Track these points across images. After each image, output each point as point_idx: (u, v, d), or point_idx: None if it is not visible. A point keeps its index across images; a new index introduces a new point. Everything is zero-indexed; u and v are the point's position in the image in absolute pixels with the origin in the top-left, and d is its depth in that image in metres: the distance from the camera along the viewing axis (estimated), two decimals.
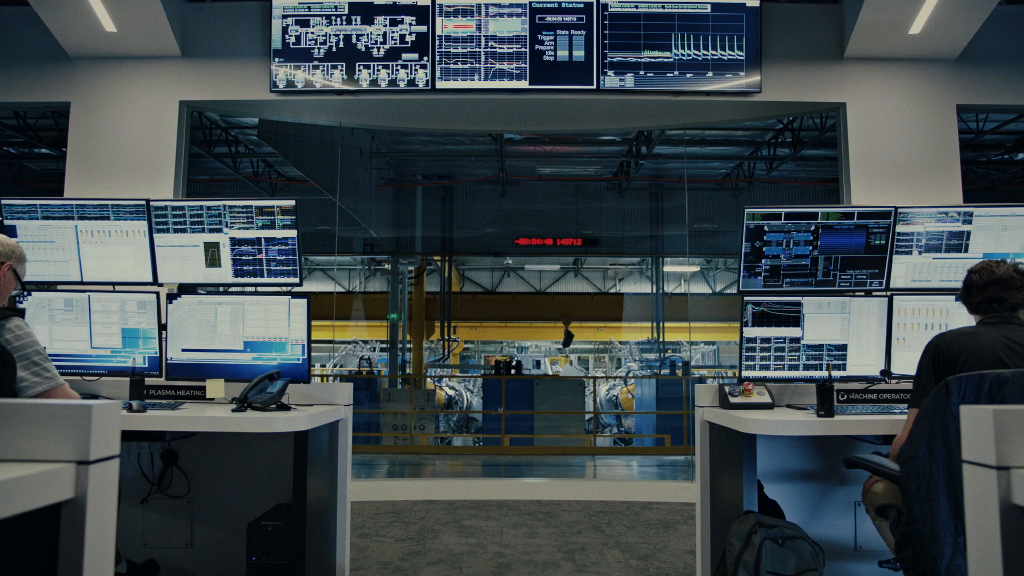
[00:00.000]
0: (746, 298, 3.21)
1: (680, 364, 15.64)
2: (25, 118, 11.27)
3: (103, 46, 5.20)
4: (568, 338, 19.18)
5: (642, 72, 5.22)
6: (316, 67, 5.25)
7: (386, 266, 18.58)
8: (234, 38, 5.35)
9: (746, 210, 3.21)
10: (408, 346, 17.12)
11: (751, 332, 3.22)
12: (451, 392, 17.42)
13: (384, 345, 19.53)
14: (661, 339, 18.36)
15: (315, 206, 13.65)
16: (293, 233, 3.22)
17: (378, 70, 5.23)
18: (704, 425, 3.37)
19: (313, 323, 3.20)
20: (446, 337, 18.53)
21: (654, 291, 18.12)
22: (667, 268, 19.07)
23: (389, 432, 12.04)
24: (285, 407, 2.98)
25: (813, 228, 3.20)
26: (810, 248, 3.22)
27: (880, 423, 2.66)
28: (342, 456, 3.37)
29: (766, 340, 3.22)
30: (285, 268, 3.24)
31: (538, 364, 23.34)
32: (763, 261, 3.24)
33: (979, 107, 5.58)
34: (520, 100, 5.34)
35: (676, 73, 5.23)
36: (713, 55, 5.22)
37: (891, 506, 2.40)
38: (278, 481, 3.36)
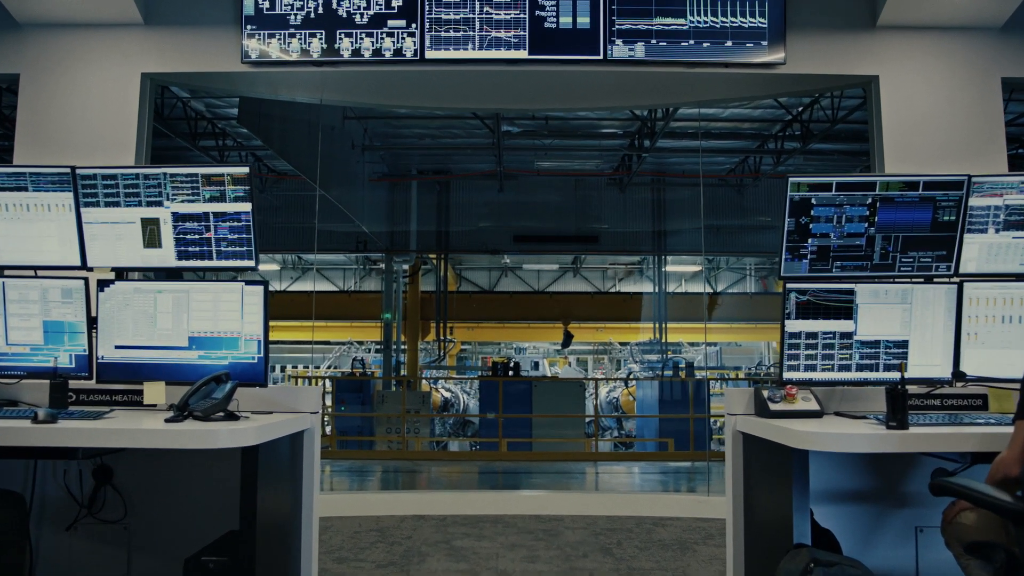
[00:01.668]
0: (788, 285, 2.70)
1: (683, 365, 15.14)
2: (0, 107, 10.74)
3: (56, 12, 4.67)
4: (567, 339, 18.68)
5: (653, 41, 4.71)
6: (292, 35, 4.73)
7: (381, 265, 18.06)
8: (202, 4, 4.82)
9: (790, 179, 2.69)
10: (403, 347, 16.59)
11: (794, 325, 2.70)
12: (447, 394, 16.91)
13: (379, 346, 18.99)
14: (664, 340, 17.83)
15: (308, 202, 13.09)
16: (247, 207, 2.70)
17: (361, 38, 4.71)
18: (737, 436, 2.85)
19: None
20: (442, 338, 18.02)
21: (656, 290, 17.60)
22: (669, 268, 18.55)
23: (383, 436, 11.54)
24: (233, 416, 2.46)
25: (870, 201, 2.68)
26: (866, 225, 2.70)
27: (968, 437, 2.14)
28: (308, 473, 2.84)
29: (812, 335, 2.70)
30: (238, 249, 2.72)
31: (536, 365, 22.81)
32: (809, 241, 2.72)
33: None
34: (518, 72, 4.82)
35: (691, 42, 4.72)
36: (732, 22, 4.70)
37: (993, 545, 1.88)
38: (234, 502, 2.83)
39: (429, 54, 4.69)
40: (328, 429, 12.19)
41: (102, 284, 2.73)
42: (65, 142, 4.70)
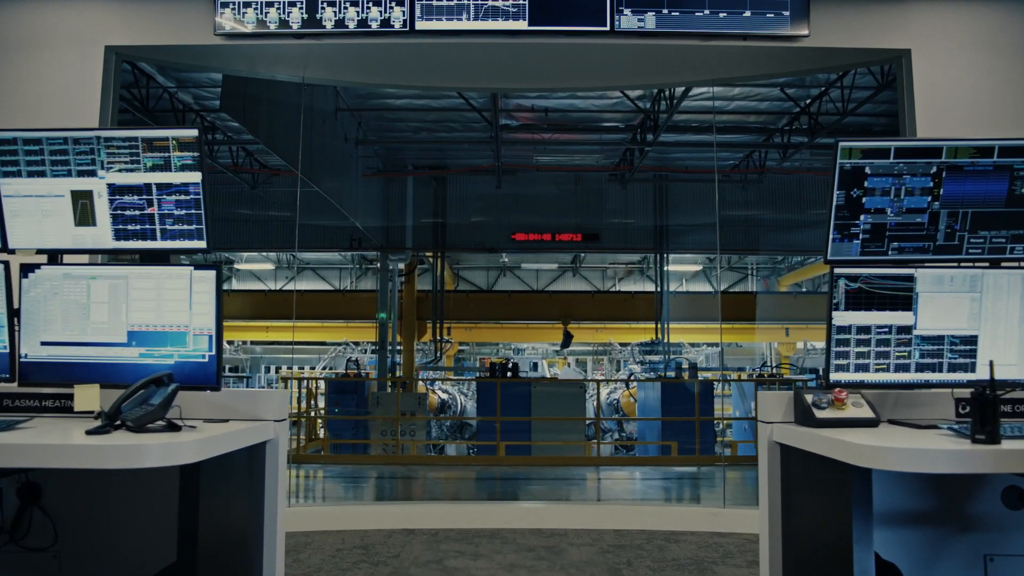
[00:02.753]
0: (837, 270, 2.29)
1: (686, 366, 14.73)
2: None
3: None
4: (567, 339, 18.25)
5: (665, 10, 4.31)
6: (270, 4, 4.33)
7: (376, 264, 17.64)
8: None
9: (840, 144, 2.28)
10: (399, 348, 16.16)
11: (843, 318, 2.29)
12: (444, 396, 16.48)
13: (375, 346, 18.56)
14: (666, 340, 17.41)
15: (302, 198, 12.66)
16: (196, 177, 2.28)
17: (346, 7, 4.31)
18: (773, 448, 2.44)
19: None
20: (439, 338, 17.58)
21: (659, 289, 17.19)
22: (671, 267, 18.12)
23: (377, 440, 11.12)
24: (174, 426, 2.04)
25: (934, 171, 2.27)
26: (929, 199, 2.29)
27: None
28: (271, 491, 2.43)
29: (864, 329, 2.29)
30: (186, 227, 2.30)
31: (535, 366, 22.39)
32: (862, 218, 2.30)
33: None
34: (517, 46, 4.43)
35: (706, 12, 4.32)
36: None
37: None
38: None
39: (420, 25, 4.29)
40: (321, 432, 11.79)
41: (26, 269, 2.31)
42: (22, 120, 4.24)
